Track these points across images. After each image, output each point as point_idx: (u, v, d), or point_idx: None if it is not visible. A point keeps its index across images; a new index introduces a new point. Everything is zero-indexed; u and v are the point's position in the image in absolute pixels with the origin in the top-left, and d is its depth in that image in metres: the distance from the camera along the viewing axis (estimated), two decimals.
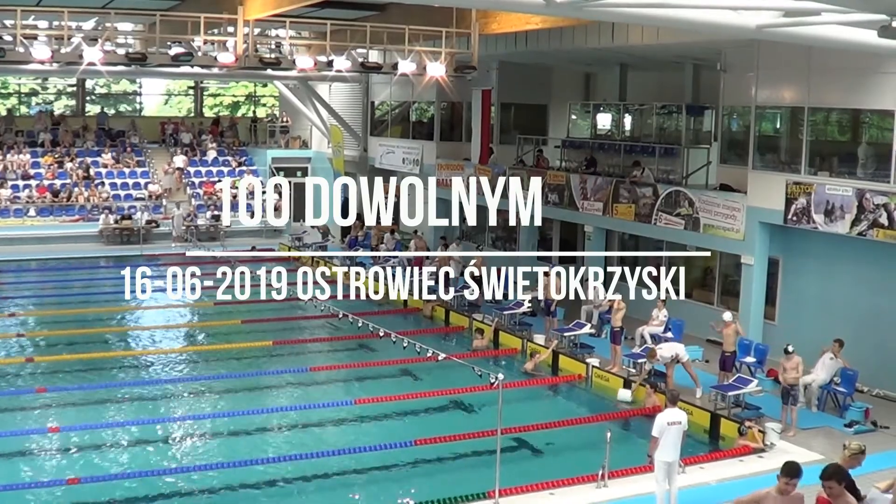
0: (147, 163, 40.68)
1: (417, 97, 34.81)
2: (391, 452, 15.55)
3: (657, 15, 14.81)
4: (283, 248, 36.06)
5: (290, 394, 19.35)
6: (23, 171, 37.68)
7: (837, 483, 8.29)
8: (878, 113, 19.36)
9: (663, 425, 13.01)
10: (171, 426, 17.12)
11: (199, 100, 48.19)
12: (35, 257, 33.08)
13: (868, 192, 18.42)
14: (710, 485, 14.42)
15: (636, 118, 28.84)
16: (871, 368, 18.47)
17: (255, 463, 15.13)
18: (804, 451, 15.47)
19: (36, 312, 25.85)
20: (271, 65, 25.65)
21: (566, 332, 22.02)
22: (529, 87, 31.64)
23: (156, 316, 26.04)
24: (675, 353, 18.76)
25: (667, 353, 18.73)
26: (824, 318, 20.17)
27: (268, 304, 26.37)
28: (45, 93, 46.48)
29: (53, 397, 18.28)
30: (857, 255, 19.70)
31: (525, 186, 28.02)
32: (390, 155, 36.36)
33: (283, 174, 41.47)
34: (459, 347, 22.85)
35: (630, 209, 24.52)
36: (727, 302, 22.71)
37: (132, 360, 21.42)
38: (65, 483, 14.01)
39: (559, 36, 24.96)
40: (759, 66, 21.25)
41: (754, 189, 21.17)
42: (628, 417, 18.24)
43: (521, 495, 13.77)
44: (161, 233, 36.33)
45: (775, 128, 22.24)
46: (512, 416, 15.90)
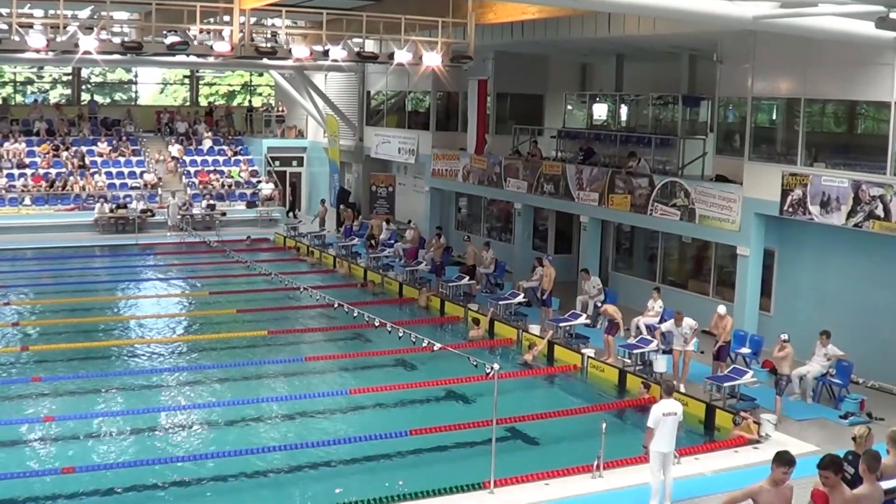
0: (142, 152, 40.61)
1: (413, 87, 34.77)
2: (387, 442, 15.54)
3: (653, 5, 14.81)
4: (279, 238, 36.04)
5: (286, 383, 19.31)
6: (18, 159, 37.61)
7: (834, 473, 8.29)
8: (874, 104, 19.36)
9: (658, 416, 13.03)
10: (165, 415, 17.10)
11: (195, 89, 48.09)
12: (30, 246, 33.01)
13: (864, 184, 18.43)
14: (705, 475, 14.46)
15: (632, 108, 28.84)
16: (866, 360, 18.48)
17: (250, 452, 15.10)
18: (799, 443, 15.51)
19: (31, 301, 25.79)
20: (267, 54, 25.53)
21: (561, 322, 22.02)
22: (526, 78, 31.60)
23: (151, 305, 26.00)
24: (695, 328, 18.97)
25: (690, 325, 18.92)
26: (820, 309, 20.19)
27: (263, 293, 26.50)
28: (41, 81, 46.39)
29: (48, 386, 18.26)
30: (853, 246, 19.71)
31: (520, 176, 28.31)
32: (386, 145, 36.33)
33: (278, 163, 41.55)
34: (455, 337, 22.85)
35: (626, 200, 24.51)
36: (722, 293, 22.73)
37: (127, 349, 21.37)
38: (59, 472, 14.01)
39: (555, 26, 24.90)
40: (756, 56, 21.22)
41: (750, 180, 21.17)
42: (624, 408, 18.27)
43: (516, 485, 13.77)
44: (156, 222, 36.29)
45: (771, 119, 22.24)
46: (507, 406, 15.89)
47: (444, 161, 32.32)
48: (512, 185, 28.85)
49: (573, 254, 28.63)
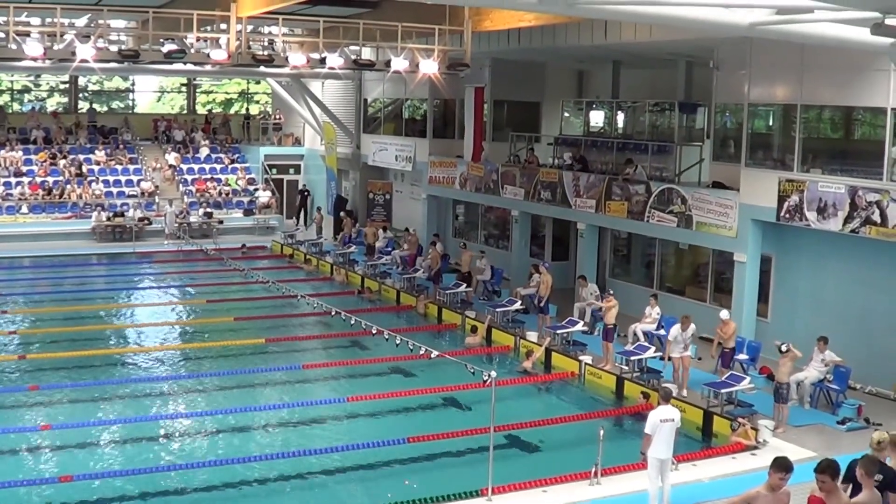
0: (139, 160, 40.61)
1: (410, 94, 34.82)
2: (384, 450, 15.53)
3: (649, 12, 14.81)
4: (276, 246, 36.04)
5: (283, 391, 19.31)
6: (15, 168, 37.60)
7: (830, 478, 8.28)
8: (870, 110, 19.40)
9: (656, 422, 13.02)
10: (163, 424, 17.09)
11: (192, 97, 48.11)
12: (27, 254, 33.01)
13: (861, 190, 18.46)
14: (702, 482, 14.44)
15: (629, 115, 28.88)
16: (863, 365, 18.49)
17: (248, 460, 15.09)
18: (797, 448, 15.51)
19: (28, 310, 25.76)
20: (264, 62, 25.62)
21: (559, 329, 22.02)
22: (522, 85, 31.65)
23: (148, 313, 25.95)
24: (693, 333, 19.08)
25: (693, 331, 18.98)
26: (817, 315, 20.20)
27: (260, 301, 26.49)
28: (38, 90, 46.39)
29: (45, 395, 18.22)
30: (850, 252, 19.73)
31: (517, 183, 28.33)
32: (383, 152, 36.36)
33: (275, 171, 41.57)
34: (452, 345, 22.82)
35: (623, 206, 24.53)
36: (720, 299, 22.74)
37: (124, 357, 21.33)
38: (57, 480, 13.97)
39: (552, 33, 24.94)
40: (752, 63, 21.26)
41: (747, 186, 21.19)
42: (621, 415, 18.27)
43: (514, 493, 13.76)
44: (153, 230, 36.26)
45: (768, 125, 22.26)
46: (505, 413, 15.89)
47: (441, 168, 32.34)
48: (509, 193, 28.88)
49: (570, 260, 28.64)
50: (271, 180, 40.90)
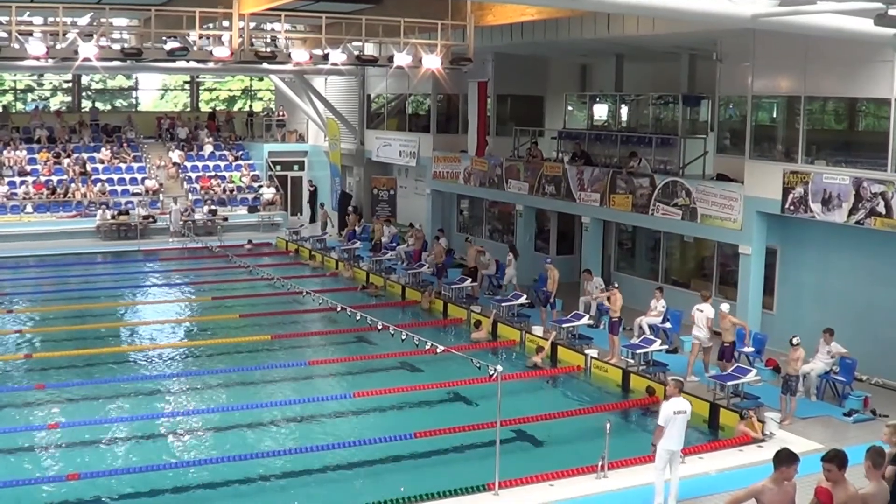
0: (143, 158, 40.64)
1: (413, 90, 34.79)
2: (391, 445, 15.55)
3: (652, 5, 14.81)
4: (281, 242, 36.08)
5: (289, 387, 19.34)
6: (19, 167, 37.63)
7: (837, 468, 8.27)
8: (874, 101, 19.35)
9: (669, 414, 12.99)
10: (170, 421, 17.12)
11: (195, 94, 48.14)
12: (32, 254, 33.03)
13: (865, 181, 18.42)
14: (709, 475, 14.45)
15: (633, 109, 28.82)
16: (869, 357, 18.47)
17: (255, 457, 15.10)
18: (803, 440, 15.50)
19: (34, 309, 25.80)
20: (267, 59, 25.58)
21: (564, 323, 22.01)
22: (525, 79, 31.62)
23: (154, 311, 25.98)
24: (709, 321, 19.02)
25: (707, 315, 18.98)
26: (822, 307, 20.18)
27: (266, 297, 26.52)
28: (41, 89, 46.44)
29: (52, 394, 18.26)
30: (855, 243, 19.70)
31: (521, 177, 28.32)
32: (387, 148, 36.37)
33: (279, 168, 41.59)
34: (458, 339, 22.87)
35: (627, 200, 24.52)
36: (725, 292, 22.71)
37: (131, 355, 21.39)
38: (65, 479, 14.00)
39: (555, 27, 24.90)
40: (756, 55, 21.21)
41: (751, 179, 21.16)
42: (628, 408, 18.27)
43: (521, 487, 13.76)
44: (158, 228, 36.29)
45: (772, 117, 22.22)
46: (511, 407, 15.92)
47: (445, 163, 32.34)
48: (513, 187, 28.87)
49: (575, 254, 28.63)
50: (275, 177, 40.90)
